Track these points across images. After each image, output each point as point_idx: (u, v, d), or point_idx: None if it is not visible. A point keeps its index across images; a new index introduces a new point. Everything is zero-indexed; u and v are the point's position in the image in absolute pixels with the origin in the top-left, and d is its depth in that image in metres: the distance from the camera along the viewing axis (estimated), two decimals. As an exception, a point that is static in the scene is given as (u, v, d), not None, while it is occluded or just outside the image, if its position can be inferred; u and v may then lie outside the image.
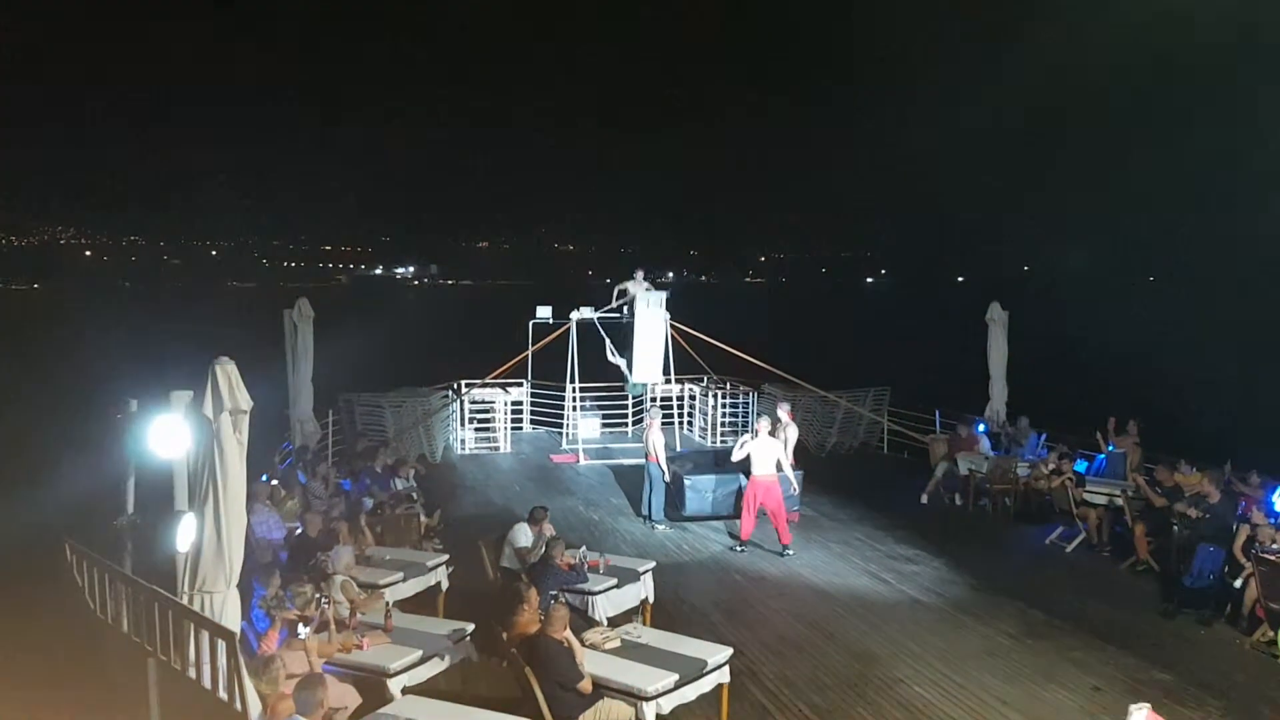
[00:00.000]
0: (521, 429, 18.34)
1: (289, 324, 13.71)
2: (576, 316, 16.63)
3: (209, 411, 5.74)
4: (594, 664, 6.34)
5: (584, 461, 16.20)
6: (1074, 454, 12.79)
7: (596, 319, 16.51)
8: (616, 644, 6.74)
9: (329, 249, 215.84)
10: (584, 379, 16.86)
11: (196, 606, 5.84)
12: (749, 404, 17.49)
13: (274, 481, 10.44)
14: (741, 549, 11.26)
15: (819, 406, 17.22)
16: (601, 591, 8.08)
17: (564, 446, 17.18)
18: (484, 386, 17.56)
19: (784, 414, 13.21)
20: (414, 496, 11.40)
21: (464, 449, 17.17)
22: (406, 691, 6.39)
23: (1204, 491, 9.52)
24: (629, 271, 16.92)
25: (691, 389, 18.43)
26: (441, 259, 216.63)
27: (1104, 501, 11.39)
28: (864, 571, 10.54)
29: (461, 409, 17.36)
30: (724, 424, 17.71)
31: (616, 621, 7.84)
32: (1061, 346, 39.74)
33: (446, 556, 9.16)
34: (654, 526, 12.25)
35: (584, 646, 6.44)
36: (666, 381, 17.28)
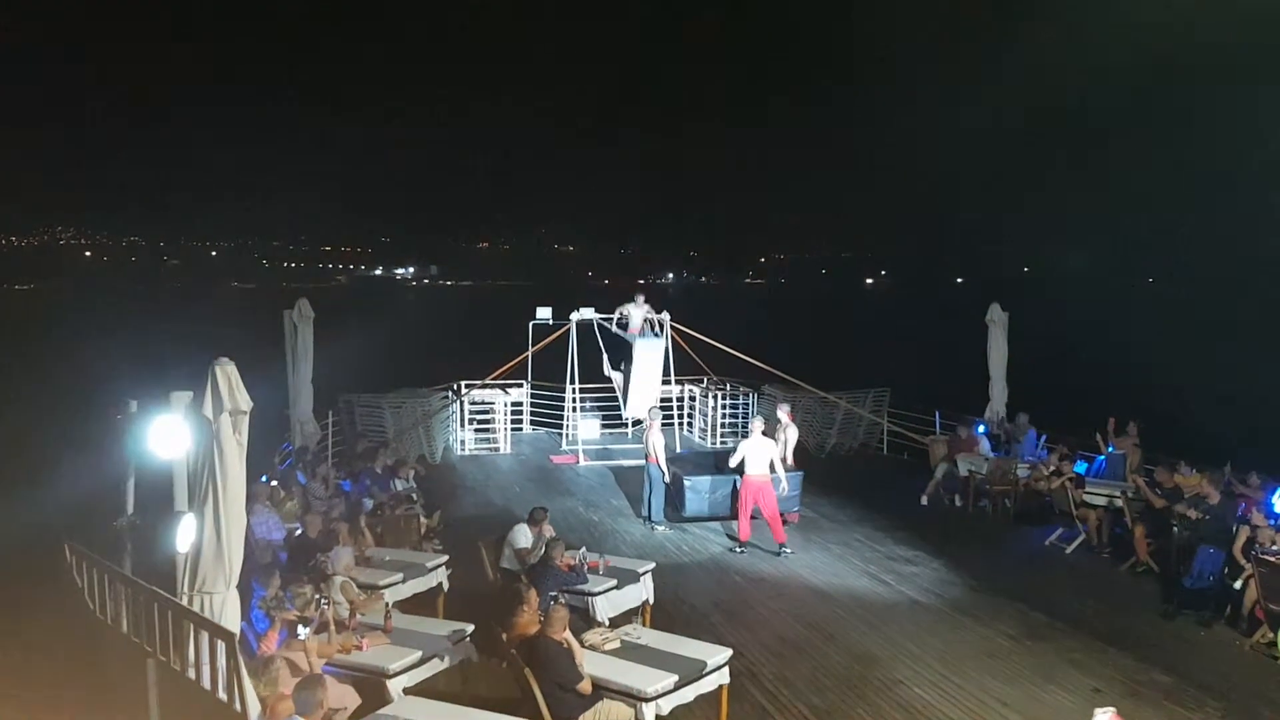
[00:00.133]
0: (521, 430, 18.35)
1: (289, 324, 13.71)
2: (576, 317, 16.63)
3: (209, 412, 5.74)
4: (594, 665, 6.35)
5: (584, 462, 16.20)
6: (1074, 455, 12.79)
7: (596, 323, 16.51)
8: (616, 645, 6.74)
9: (329, 249, 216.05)
10: (584, 380, 16.87)
11: (196, 607, 5.84)
12: (749, 405, 17.50)
13: (274, 482, 10.44)
14: (741, 550, 11.26)
15: (819, 407, 17.22)
16: (601, 592, 8.09)
17: (564, 447, 17.19)
18: (484, 387, 17.57)
19: (784, 415, 13.23)
20: (414, 497, 11.39)
21: (464, 450, 17.18)
22: (406, 692, 6.40)
23: (1204, 493, 9.52)
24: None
25: (691, 390, 18.44)
26: (441, 259, 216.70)
27: (1104, 503, 11.40)
28: (864, 573, 10.54)
29: (461, 410, 17.36)
30: (724, 425, 17.72)
31: (616, 622, 7.85)
32: (1061, 347, 39.71)
33: (446, 557, 9.16)
34: (654, 527, 12.25)
35: (583, 647, 6.45)
36: (666, 383, 17.31)
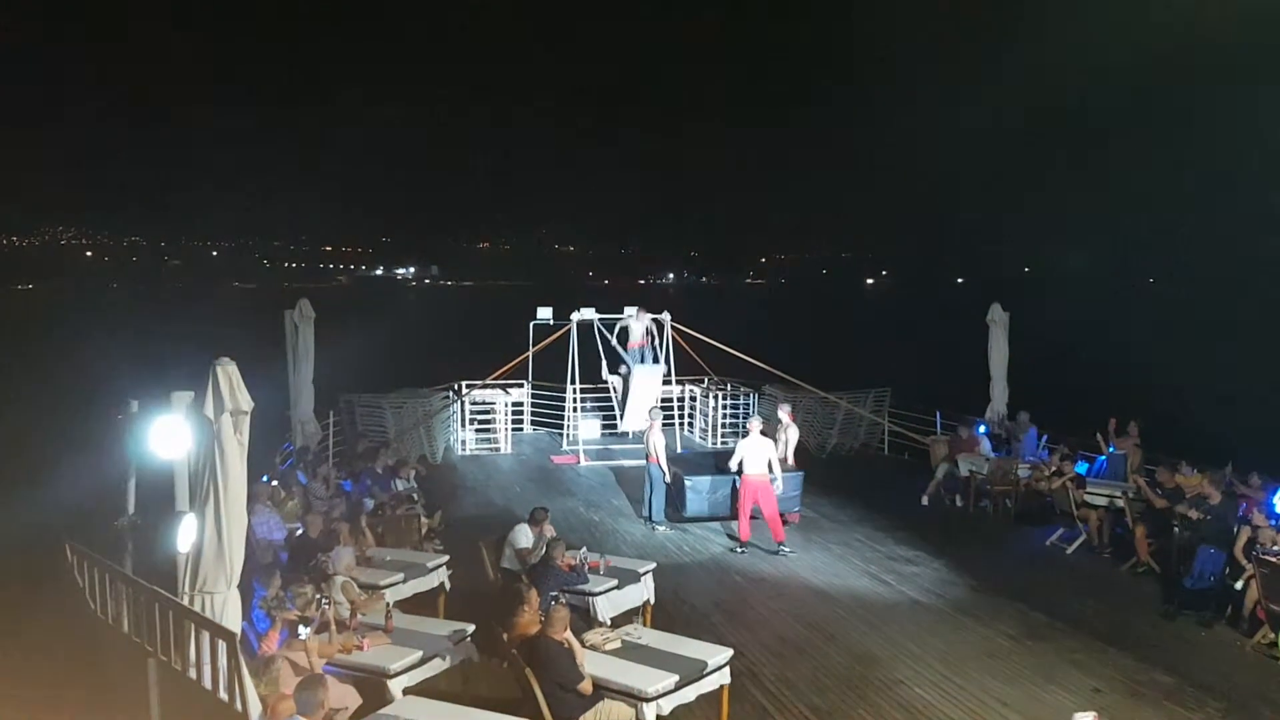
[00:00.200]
0: (522, 430, 18.36)
1: (290, 325, 13.71)
2: (577, 318, 16.63)
3: (210, 412, 5.74)
4: (594, 665, 6.35)
5: (584, 463, 16.20)
6: (1075, 455, 12.78)
7: (597, 327, 16.52)
8: (617, 645, 6.74)
9: (329, 249, 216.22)
10: (584, 380, 16.87)
11: (197, 607, 5.84)
12: (749, 405, 17.49)
13: (275, 482, 10.44)
14: (742, 550, 11.26)
15: (819, 408, 17.22)
16: (602, 592, 8.09)
17: (564, 448, 17.19)
18: (484, 387, 17.57)
19: (784, 415, 13.23)
20: (414, 497, 11.39)
21: (464, 450, 17.18)
22: (407, 692, 6.40)
23: (1205, 493, 9.51)
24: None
25: (692, 390, 18.44)
26: (442, 260, 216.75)
27: (1105, 503, 11.39)
28: (864, 573, 10.53)
29: (462, 410, 17.36)
30: (724, 425, 17.72)
31: (617, 622, 7.84)
32: (1062, 347, 39.69)
33: (447, 557, 9.16)
34: (654, 528, 12.25)
35: (584, 647, 6.45)
36: (667, 383, 17.32)
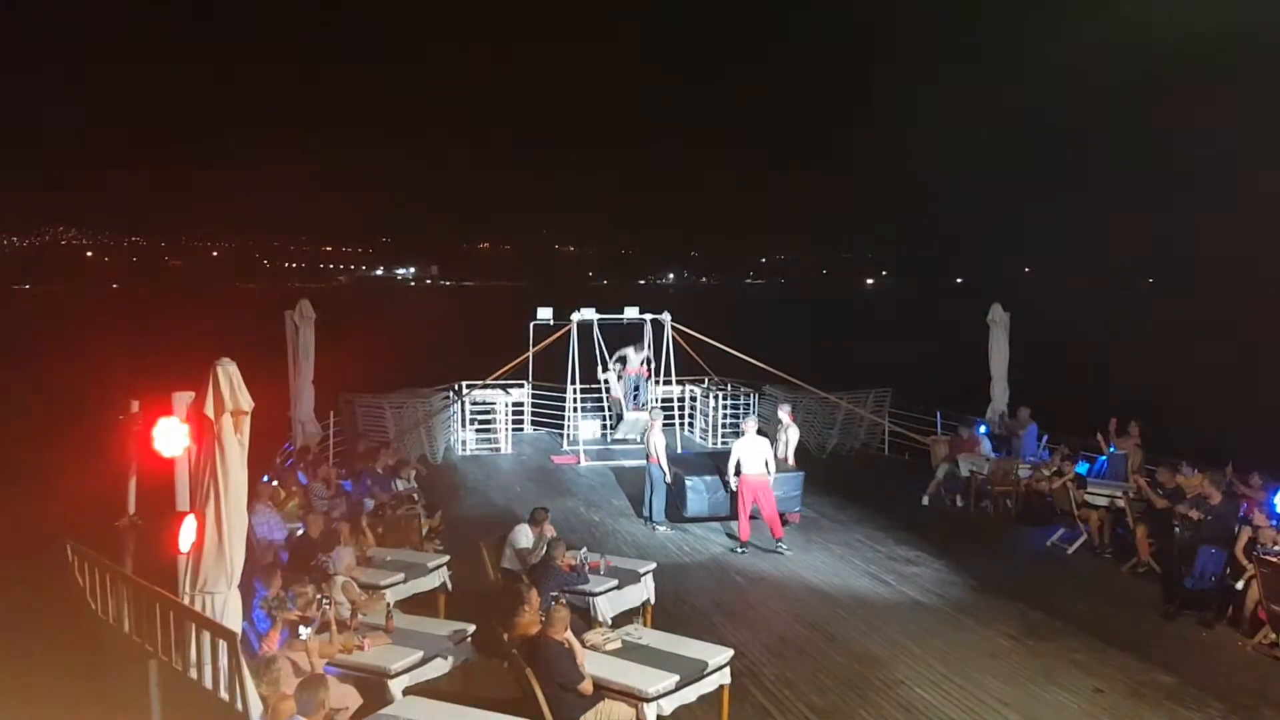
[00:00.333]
0: (522, 430, 18.36)
1: (290, 325, 13.73)
2: (577, 318, 16.64)
3: (210, 412, 5.74)
4: (595, 665, 6.35)
5: (585, 463, 16.20)
6: (1075, 456, 12.77)
7: (595, 325, 16.54)
8: (617, 645, 6.74)
9: (329, 249, 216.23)
10: (585, 381, 16.87)
11: (198, 607, 5.84)
12: (750, 405, 17.49)
13: (275, 482, 10.45)
14: (742, 550, 11.25)
15: (820, 408, 17.23)
16: (602, 592, 8.10)
17: (565, 448, 17.19)
18: (485, 388, 17.57)
19: (784, 415, 13.24)
20: (415, 497, 11.39)
21: (465, 450, 17.18)
22: (408, 692, 6.40)
23: (1205, 493, 9.51)
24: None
25: (692, 390, 18.44)
26: (442, 260, 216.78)
27: (1105, 503, 11.39)
28: (865, 573, 10.53)
29: (462, 410, 17.36)
30: (725, 425, 17.72)
31: (617, 622, 7.84)
32: (1062, 347, 39.69)
33: (447, 557, 9.15)
34: (655, 528, 12.25)
35: (585, 647, 6.45)
36: (668, 383, 17.34)
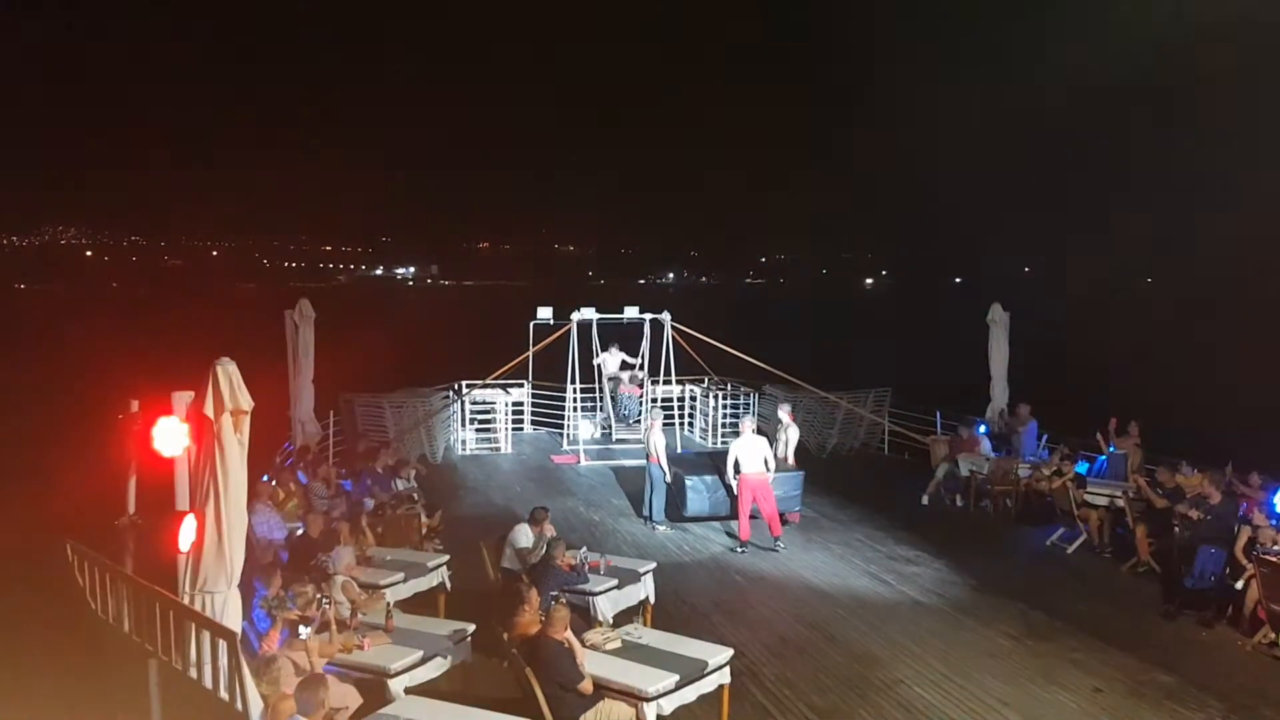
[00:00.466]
0: (522, 430, 18.36)
1: (290, 324, 13.73)
2: (577, 317, 16.64)
3: (210, 412, 5.74)
4: (595, 665, 6.35)
5: (584, 462, 16.20)
6: (1075, 455, 12.77)
7: (595, 325, 16.54)
8: (617, 645, 6.74)
9: (329, 249, 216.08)
10: (584, 380, 16.87)
11: (198, 607, 5.84)
12: (750, 405, 17.49)
13: (275, 482, 10.45)
14: (742, 550, 11.25)
15: (819, 407, 17.23)
16: (602, 592, 8.10)
17: (565, 447, 17.19)
18: (485, 387, 17.57)
19: (784, 415, 13.24)
20: (415, 497, 11.39)
21: (465, 450, 17.18)
22: (408, 692, 6.40)
23: (1205, 493, 9.51)
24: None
25: (692, 390, 18.44)
26: (442, 259, 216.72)
27: (1105, 503, 11.40)
28: (864, 572, 10.53)
29: (462, 410, 17.36)
30: (725, 425, 17.72)
31: (618, 622, 7.84)
32: (1062, 347, 39.68)
33: (447, 557, 9.15)
34: (655, 527, 12.25)
35: (585, 647, 6.44)
36: (668, 383, 17.34)
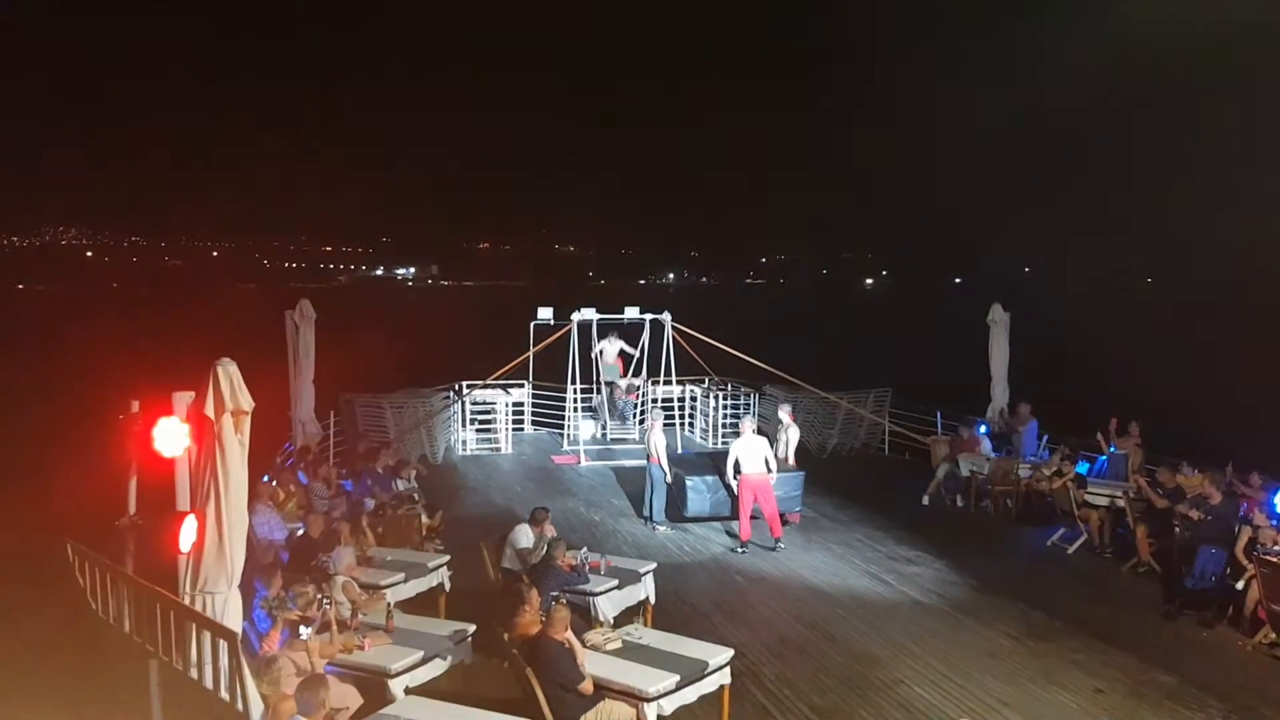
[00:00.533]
0: (523, 430, 18.35)
1: (290, 324, 13.73)
2: (577, 318, 16.64)
3: (210, 412, 5.75)
4: (595, 665, 6.35)
5: (585, 463, 16.20)
6: (1075, 455, 12.78)
7: (595, 325, 16.55)
8: (618, 645, 6.74)
9: (329, 249, 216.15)
10: (585, 380, 16.87)
11: (198, 607, 5.85)
12: (750, 405, 17.49)
13: (275, 482, 10.45)
14: (743, 550, 11.25)
15: (820, 408, 17.22)
16: (603, 592, 8.10)
17: (565, 448, 17.19)
18: (485, 387, 17.57)
19: (785, 415, 13.24)
20: (415, 497, 11.39)
21: (465, 450, 17.17)
22: (408, 692, 6.41)
23: (1205, 493, 9.51)
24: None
25: (692, 390, 18.44)
26: (442, 259, 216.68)
27: (1105, 503, 11.39)
28: (865, 573, 10.53)
29: (463, 410, 17.36)
30: (725, 425, 17.72)
31: (618, 622, 7.84)
32: (1062, 348, 39.67)
33: (448, 557, 9.15)
34: (655, 528, 12.25)
35: (585, 647, 6.45)
36: (668, 383, 17.35)
